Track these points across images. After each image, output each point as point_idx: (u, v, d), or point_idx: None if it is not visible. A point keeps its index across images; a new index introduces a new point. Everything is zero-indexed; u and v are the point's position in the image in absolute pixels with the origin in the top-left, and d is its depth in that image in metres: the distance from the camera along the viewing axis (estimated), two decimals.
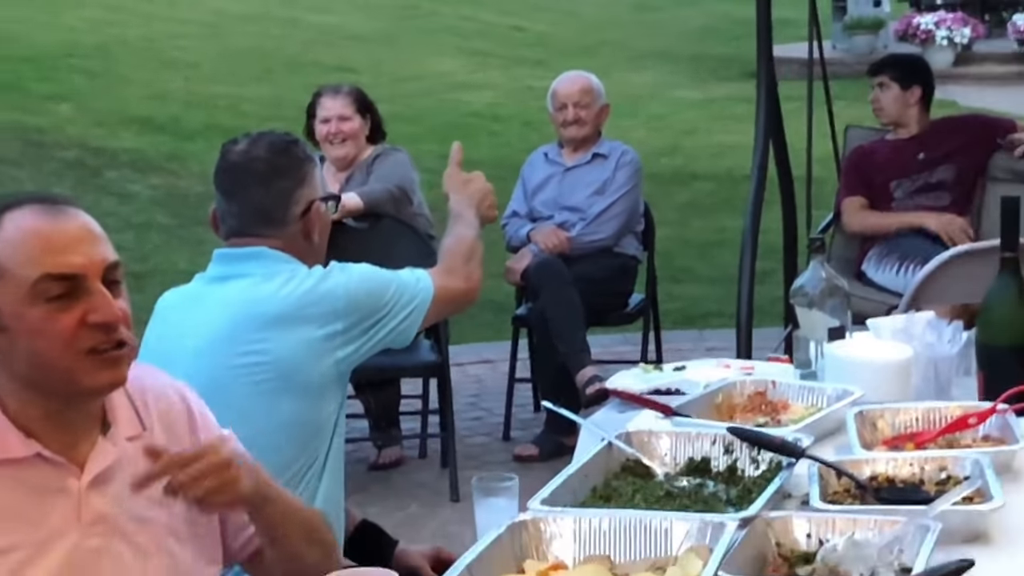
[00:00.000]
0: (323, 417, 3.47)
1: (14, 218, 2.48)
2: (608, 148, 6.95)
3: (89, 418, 2.57)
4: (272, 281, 3.44)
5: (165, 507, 2.59)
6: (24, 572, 2.45)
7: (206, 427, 2.78)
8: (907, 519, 2.74)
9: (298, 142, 3.74)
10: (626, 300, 6.96)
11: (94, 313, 2.43)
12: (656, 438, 3.33)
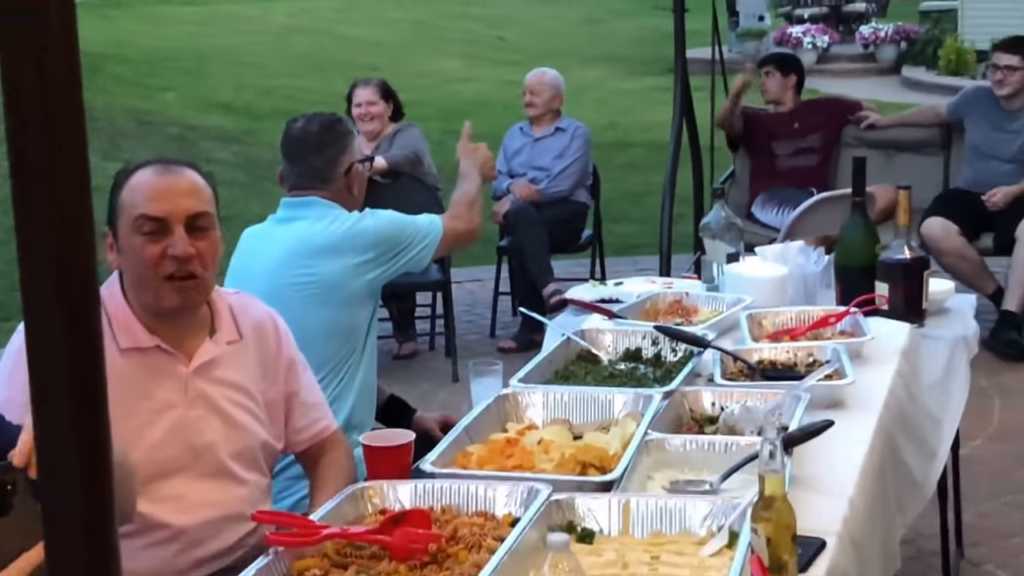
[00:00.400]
0: (358, 322, 3.49)
1: (139, 173, 2.55)
2: (566, 124, 6.94)
3: (197, 323, 2.62)
4: (321, 222, 3.46)
5: (251, 397, 2.65)
6: (142, 433, 2.49)
7: (288, 344, 2.80)
8: (785, 391, 2.80)
9: (342, 120, 3.77)
10: (579, 235, 6.94)
11: (172, 248, 2.47)
12: (602, 334, 3.36)
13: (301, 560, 2.09)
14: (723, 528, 2.16)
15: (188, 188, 2.55)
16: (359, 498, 2.32)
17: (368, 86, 6.59)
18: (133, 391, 2.50)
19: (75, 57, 0.62)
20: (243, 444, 2.64)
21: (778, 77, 7.09)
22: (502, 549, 2.03)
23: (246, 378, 2.67)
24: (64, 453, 0.67)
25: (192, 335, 2.61)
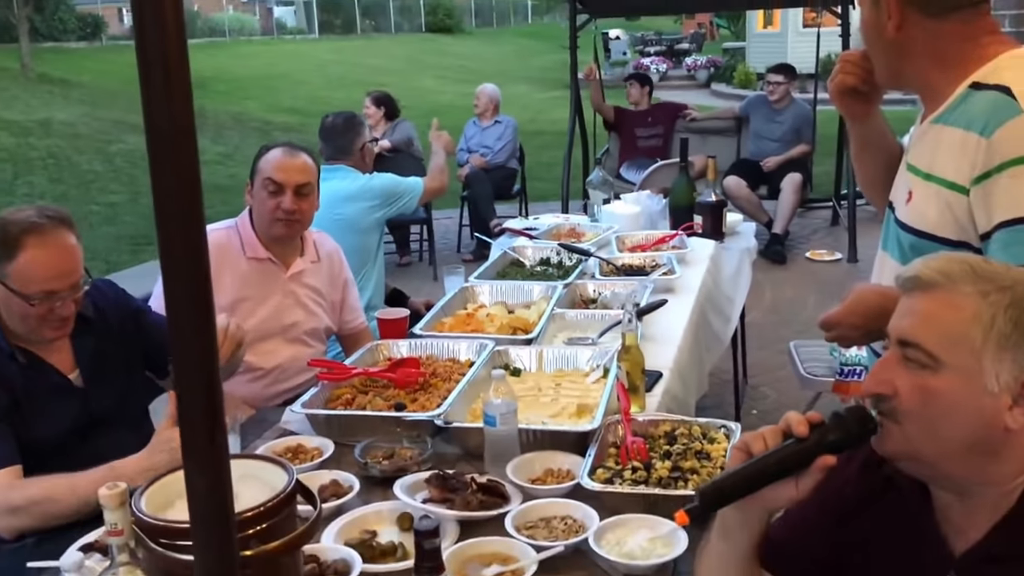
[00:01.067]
0: (371, 244, 3.44)
1: (273, 151, 2.51)
2: (502, 118, 6.78)
3: (294, 247, 2.57)
4: (345, 180, 3.41)
5: (322, 296, 2.61)
6: (255, 310, 2.47)
7: (344, 267, 2.74)
8: (638, 282, 2.78)
9: (356, 115, 3.69)
10: (512, 189, 6.82)
11: (284, 203, 2.44)
12: (526, 249, 3.29)
13: (338, 389, 2.07)
14: (600, 366, 2.15)
15: (300, 166, 2.50)
16: (375, 351, 2.29)
17: (367, 99, 6.47)
18: (252, 284, 2.49)
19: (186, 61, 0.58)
20: (314, 325, 2.59)
21: (638, 87, 7.00)
22: (464, 380, 2.02)
23: (320, 284, 2.62)
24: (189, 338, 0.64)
25: (290, 253, 2.57)
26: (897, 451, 1.07)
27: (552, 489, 1.60)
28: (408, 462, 1.72)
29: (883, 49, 1.55)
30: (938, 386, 1.02)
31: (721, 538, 1.17)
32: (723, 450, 1.67)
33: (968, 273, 1.06)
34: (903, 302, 1.10)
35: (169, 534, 1.15)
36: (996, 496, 1.05)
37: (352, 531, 1.50)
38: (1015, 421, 1.01)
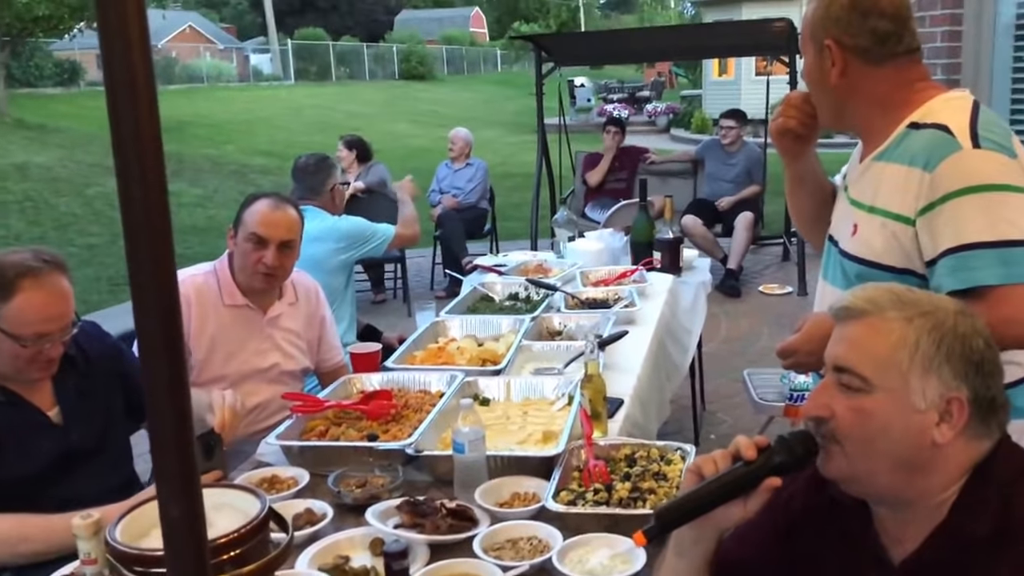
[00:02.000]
0: (339, 283, 3.41)
1: (260, 201, 2.47)
2: (474, 161, 6.83)
3: (272, 293, 2.53)
4: (314, 220, 3.36)
5: (300, 338, 2.58)
6: (234, 355, 2.44)
7: (323, 306, 2.70)
8: (601, 315, 2.82)
9: (328, 157, 3.67)
10: (483, 228, 6.84)
11: (266, 258, 2.41)
12: (495, 284, 3.31)
13: (312, 421, 2.07)
14: (565, 394, 2.17)
15: (286, 222, 2.46)
16: (348, 384, 2.28)
17: (340, 142, 6.49)
18: (230, 330, 2.45)
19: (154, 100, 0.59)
20: (292, 367, 2.55)
21: (613, 132, 7.07)
22: (434, 410, 2.02)
23: (297, 326, 2.59)
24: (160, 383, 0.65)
25: (267, 298, 2.52)
26: (840, 471, 1.10)
27: (518, 512, 1.61)
28: (380, 489, 1.72)
29: (827, 94, 1.62)
30: (871, 407, 1.06)
31: (676, 554, 1.20)
32: (679, 471, 1.70)
33: (894, 301, 1.10)
34: (836, 330, 1.14)
35: (143, 562, 1.14)
36: (928, 509, 1.08)
37: (326, 557, 1.50)
38: (942, 436, 1.05)
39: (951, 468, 1.07)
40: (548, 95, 6.96)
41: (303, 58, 31.29)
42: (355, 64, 32.47)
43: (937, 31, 3.88)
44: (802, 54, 1.67)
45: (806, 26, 1.62)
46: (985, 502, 1.04)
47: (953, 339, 1.07)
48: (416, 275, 7.10)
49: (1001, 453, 1.08)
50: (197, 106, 19.87)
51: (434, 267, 6.88)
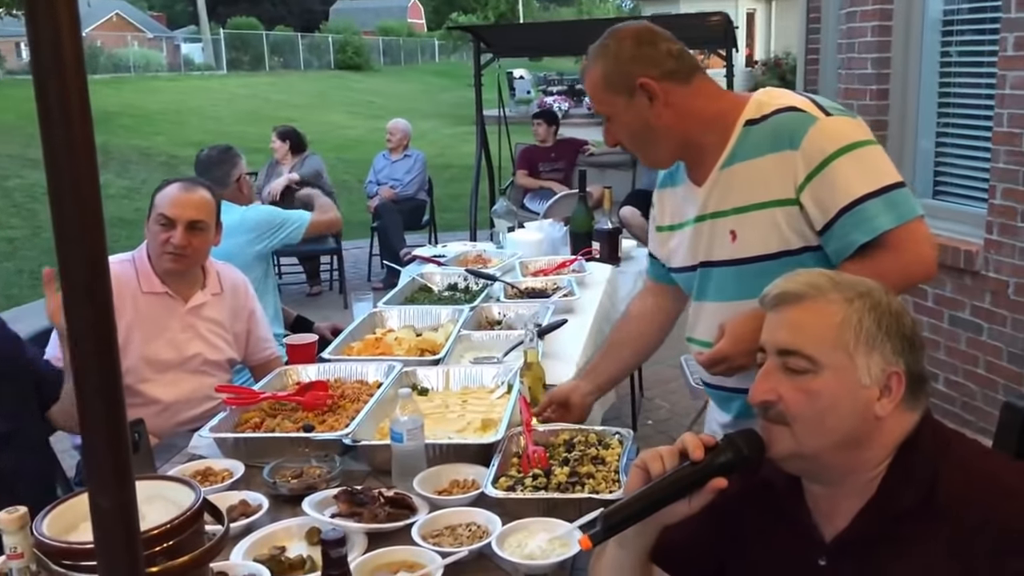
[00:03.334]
0: (257, 276, 3.26)
1: (170, 186, 2.46)
2: (412, 152, 6.80)
3: (193, 280, 2.50)
4: (223, 216, 3.34)
5: (224, 328, 2.54)
6: (150, 342, 2.39)
7: (251, 299, 2.66)
8: (540, 304, 2.84)
9: (231, 148, 3.54)
10: (421, 219, 6.83)
11: (173, 238, 2.38)
12: (434, 275, 3.31)
13: (246, 413, 2.04)
14: (504, 382, 2.19)
15: (195, 202, 2.43)
16: (283, 376, 2.27)
17: (274, 132, 6.38)
18: (147, 317, 2.41)
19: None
20: (215, 357, 2.51)
21: (544, 125, 7.13)
22: (372, 400, 2.02)
23: (222, 316, 2.55)
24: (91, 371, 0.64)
25: (188, 286, 2.49)
26: (788, 451, 1.13)
27: (457, 499, 1.62)
28: (317, 480, 1.71)
29: (658, 134, 1.63)
30: (820, 387, 1.10)
31: (618, 545, 1.22)
32: (617, 455, 1.73)
33: (831, 283, 1.15)
34: (772, 317, 1.18)
35: (72, 555, 1.12)
36: (861, 484, 1.12)
37: (261, 548, 1.48)
38: (883, 409, 1.11)
39: (886, 441, 1.11)
40: (487, 87, 6.94)
41: (236, 48, 30.66)
42: (289, 54, 31.94)
43: (867, 26, 4.00)
44: (607, 114, 1.65)
45: (601, 87, 1.62)
46: (913, 476, 1.09)
47: (890, 317, 1.12)
48: (353, 267, 7.03)
49: (926, 427, 1.13)
50: (125, 96, 19.30)
51: (371, 258, 6.83)
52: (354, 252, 7.27)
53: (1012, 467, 1.14)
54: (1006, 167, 3.26)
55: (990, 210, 3.35)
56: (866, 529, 1.11)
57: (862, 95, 4.03)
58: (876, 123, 3.97)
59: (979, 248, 3.38)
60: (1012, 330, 3.28)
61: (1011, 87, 3.21)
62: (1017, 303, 3.25)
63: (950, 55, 3.79)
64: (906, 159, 3.94)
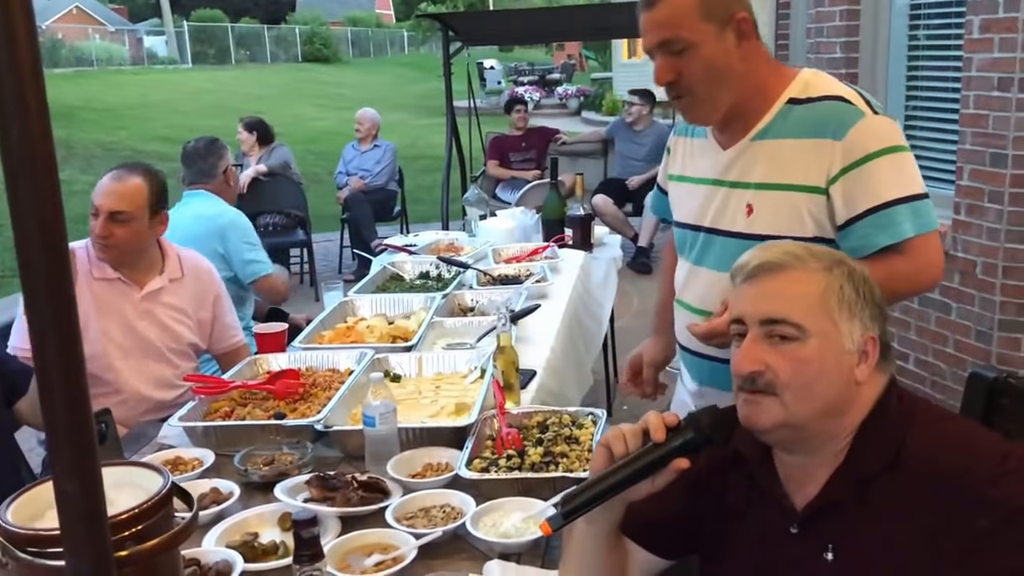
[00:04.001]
0: None
1: (107, 174, 2.45)
2: (381, 142, 6.76)
3: (150, 265, 2.48)
4: (205, 204, 3.33)
5: (185, 314, 2.52)
6: (104, 330, 2.38)
7: (216, 284, 2.64)
8: (513, 290, 2.85)
9: (218, 139, 3.51)
10: (392, 210, 6.81)
11: (95, 227, 2.38)
12: (405, 264, 3.31)
13: (216, 403, 2.02)
14: (477, 367, 2.19)
15: (120, 191, 2.39)
16: (253, 365, 2.25)
17: (240, 124, 6.32)
18: (98, 303, 2.40)
19: None
20: (174, 344, 2.49)
21: (523, 112, 7.14)
22: (344, 387, 2.01)
23: (182, 302, 2.52)
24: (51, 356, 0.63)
25: (144, 272, 2.47)
26: (777, 421, 1.12)
27: (431, 481, 1.63)
28: (288, 466, 1.70)
29: (732, 81, 1.54)
30: (808, 354, 1.11)
31: (586, 521, 1.22)
32: (591, 435, 1.74)
33: (807, 252, 1.17)
34: (749, 289, 1.17)
35: (38, 542, 1.10)
36: (834, 451, 1.14)
37: (234, 534, 1.48)
38: (862, 374, 1.13)
39: (860, 406, 1.14)
40: (457, 77, 6.92)
41: (201, 40, 30.29)
42: (256, 46, 31.61)
43: (836, 10, 4.04)
44: (685, 44, 1.49)
45: (693, 8, 1.48)
46: (881, 439, 1.11)
47: (865, 284, 1.15)
48: (324, 259, 6.99)
49: (892, 391, 1.16)
50: (87, 90, 19.01)
51: (342, 251, 6.79)
52: (325, 245, 7.22)
53: (975, 428, 1.17)
54: (972, 148, 3.31)
55: (957, 191, 3.41)
56: (836, 494, 1.12)
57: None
58: None
59: (947, 229, 3.44)
60: (980, 309, 3.34)
61: (977, 69, 3.26)
62: (985, 282, 3.31)
63: (918, 39, 3.84)
64: None
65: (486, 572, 1.35)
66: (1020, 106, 3.11)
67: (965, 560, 1.00)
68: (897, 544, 1.05)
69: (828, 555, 1.11)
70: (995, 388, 1.51)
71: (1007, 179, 3.17)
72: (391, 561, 1.37)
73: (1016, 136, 3.13)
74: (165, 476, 1.18)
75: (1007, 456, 1.03)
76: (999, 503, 0.99)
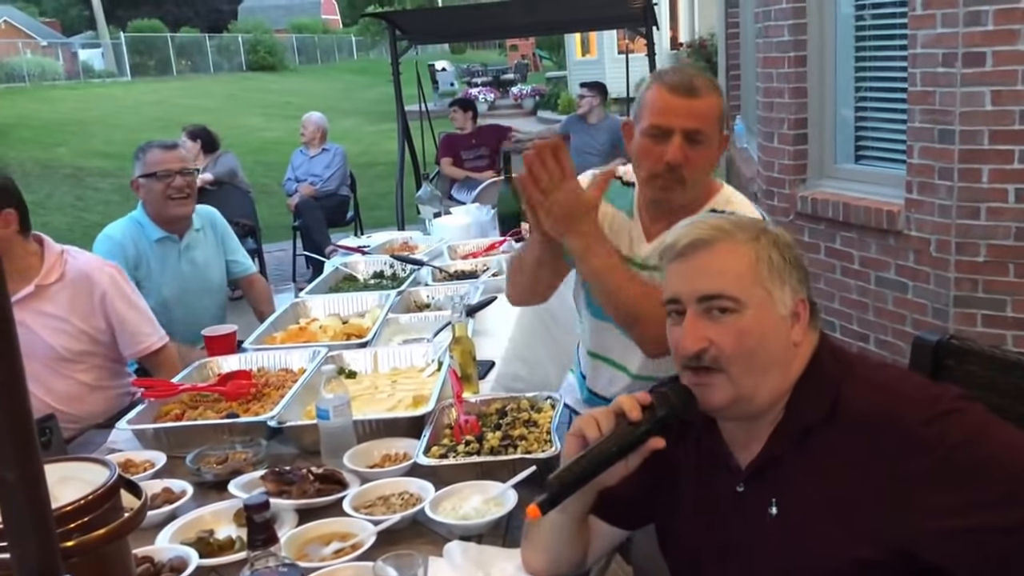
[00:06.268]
0: None
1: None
2: (330, 146, 6.74)
3: (21, 274, 2.32)
4: None
5: (67, 323, 2.37)
6: None
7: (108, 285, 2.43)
8: (469, 284, 2.87)
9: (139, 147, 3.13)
10: (345, 215, 6.78)
11: None
12: (358, 264, 3.32)
13: (166, 406, 2.02)
14: (434, 360, 2.22)
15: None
16: (203, 368, 2.25)
17: (184, 132, 6.24)
18: None
19: None
20: (62, 352, 2.35)
21: (461, 112, 7.16)
22: (298, 384, 2.03)
23: (58, 309, 2.35)
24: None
25: (16, 281, 2.28)
26: (728, 398, 1.16)
27: (389, 471, 1.64)
28: (243, 464, 1.71)
29: (704, 178, 1.78)
30: (747, 325, 1.15)
31: (558, 510, 1.22)
32: (549, 418, 1.77)
33: (732, 224, 1.22)
34: (681, 267, 1.20)
35: None
36: (774, 410, 1.19)
37: (188, 532, 1.48)
38: (797, 335, 1.19)
39: (797, 365, 1.19)
40: (408, 82, 6.94)
41: (140, 52, 29.89)
42: (198, 57, 31.29)
43: (784, 24, 4.13)
44: (704, 143, 1.72)
45: (716, 116, 1.73)
46: (817, 392, 1.16)
47: (789, 249, 1.21)
48: (276, 268, 6.95)
49: (825, 346, 1.21)
50: (19, 107, 18.69)
51: (295, 259, 6.75)
52: (277, 255, 7.18)
53: (907, 375, 1.23)
54: (921, 126, 3.41)
55: (909, 170, 3.50)
56: (777, 449, 1.17)
57: (780, 63, 4.17)
58: (795, 90, 4.11)
59: (900, 208, 3.54)
60: (936, 286, 3.43)
61: (922, 46, 3.37)
62: (939, 259, 3.40)
63: (864, 19, 3.94)
64: (827, 124, 4.09)
65: (446, 553, 1.37)
66: (965, 81, 3.21)
67: (906, 502, 1.05)
68: (838, 493, 1.10)
69: (772, 509, 1.16)
70: (939, 351, 1.56)
71: (955, 155, 3.27)
72: (350, 548, 1.39)
73: (962, 112, 3.23)
74: (112, 469, 1.19)
75: (938, 398, 1.09)
76: (935, 443, 1.04)
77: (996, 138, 3.18)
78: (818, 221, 4.01)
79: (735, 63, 6.82)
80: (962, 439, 1.04)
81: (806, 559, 1.11)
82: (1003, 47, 3.13)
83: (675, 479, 1.29)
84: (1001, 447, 1.04)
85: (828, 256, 3.97)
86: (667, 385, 1.23)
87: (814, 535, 1.11)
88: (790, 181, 4.19)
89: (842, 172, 4.03)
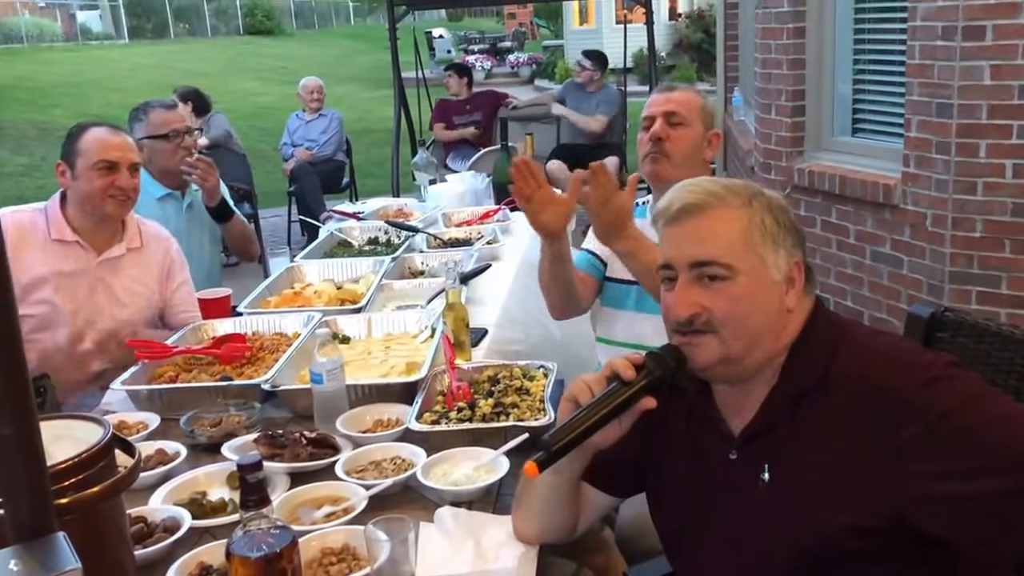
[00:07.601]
0: None
1: (94, 130, 2.42)
2: (327, 111, 6.69)
3: (110, 232, 2.43)
4: None
5: (143, 284, 2.48)
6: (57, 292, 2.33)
7: (172, 255, 2.56)
8: (463, 252, 2.86)
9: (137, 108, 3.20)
10: (340, 182, 6.76)
11: (119, 181, 2.37)
12: (353, 230, 3.29)
13: (160, 368, 2.02)
14: (428, 326, 2.21)
15: (129, 145, 2.45)
16: (198, 331, 2.24)
17: (175, 95, 6.17)
18: (54, 265, 2.35)
19: None
20: (127, 316, 2.42)
21: (456, 78, 7.08)
22: (292, 348, 2.02)
23: (139, 272, 2.47)
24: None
25: (104, 239, 2.42)
26: (717, 357, 1.16)
27: (382, 436, 1.65)
28: (236, 427, 1.71)
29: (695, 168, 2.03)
30: (739, 291, 1.15)
31: (552, 472, 1.23)
32: (541, 387, 1.77)
33: (727, 190, 1.20)
34: (674, 232, 1.20)
35: None
36: (767, 376, 1.18)
37: (181, 493, 1.49)
38: (791, 300, 1.18)
39: (791, 330, 1.18)
40: (405, 48, 6.86)
41: (137, 15, 29.51)
42: (195, 20, 30.90)
43: (784, 28, 4.08)
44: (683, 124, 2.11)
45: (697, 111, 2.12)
46: (811, 357, 1.16)
47: (782, 213, 1.20)
48: (272, 235, 6.92)
49: (819, 312, 1.21)
50: (17, 68, 18.49)
51: (290, 225, 6.73)
52: (272, 221, 7.15)
53: (900, 342, 1.23)
54: (919, 100, 3.39)
55: (906, 143, 3.48)
56: (770, 416, 1.17)
57: (779, 34, 4.13)
58: (794, 62, 4.08)
59: (897, 182, 3.52)
60: (931, 262, 3.43)
61: (921, 19, 3.33)
62: (935, 234, 3.40)
63: None
64: (824, 96, 4.06)
65: (437, 518, 1.38)
66: (964, 55, 3.19)
67: (899, 468, 1.04)
68: (831, 459, 1.10)
69: (764, 475, 1.16)
70: (932, 324, 1.57)
71: (953, 129, 3.25)
72: (341, 512, 1.39)
73: (961, 85, 3.21)
74: (106, 427, 1.19)
75: (931, 364, 1.08)
76: (926, 409, 1.04)
77: (995, 112, 3.16)
78: (814, 194, 4.00)
79: (733, 33, 6.75)
80: (955, 405, 1.03)
81: (798, 526, 1.11)
82: (1004, 20, 3.10)
83: (666, 447, 1.29)
84: (996, 415, 1.04)
85: (824, 230, 3.96)
86: (661, 348, 1.23)
87: (807, 502, 1.11)
88: (787, 153, 4.17)
89: (839, 145, 4.01)
